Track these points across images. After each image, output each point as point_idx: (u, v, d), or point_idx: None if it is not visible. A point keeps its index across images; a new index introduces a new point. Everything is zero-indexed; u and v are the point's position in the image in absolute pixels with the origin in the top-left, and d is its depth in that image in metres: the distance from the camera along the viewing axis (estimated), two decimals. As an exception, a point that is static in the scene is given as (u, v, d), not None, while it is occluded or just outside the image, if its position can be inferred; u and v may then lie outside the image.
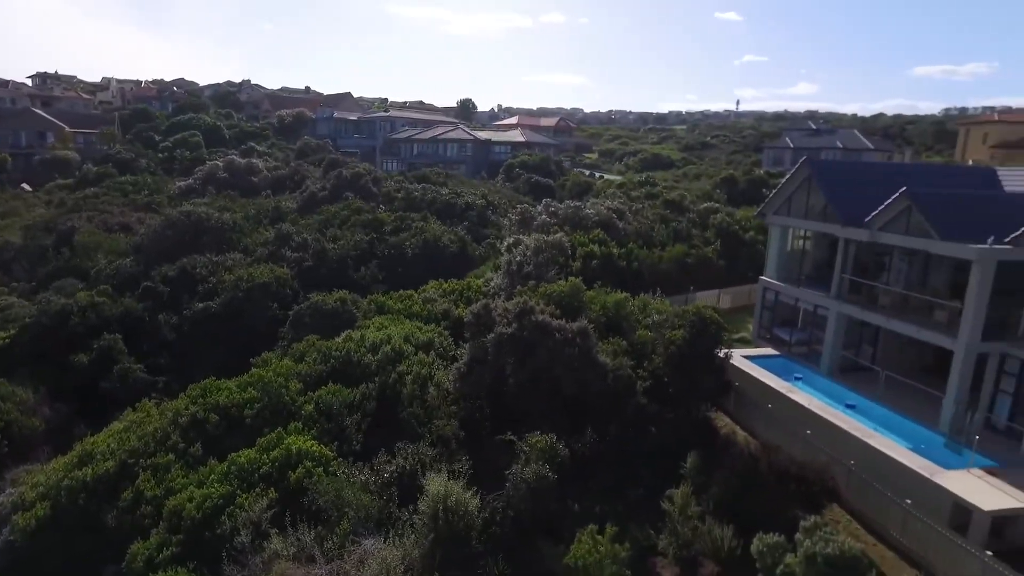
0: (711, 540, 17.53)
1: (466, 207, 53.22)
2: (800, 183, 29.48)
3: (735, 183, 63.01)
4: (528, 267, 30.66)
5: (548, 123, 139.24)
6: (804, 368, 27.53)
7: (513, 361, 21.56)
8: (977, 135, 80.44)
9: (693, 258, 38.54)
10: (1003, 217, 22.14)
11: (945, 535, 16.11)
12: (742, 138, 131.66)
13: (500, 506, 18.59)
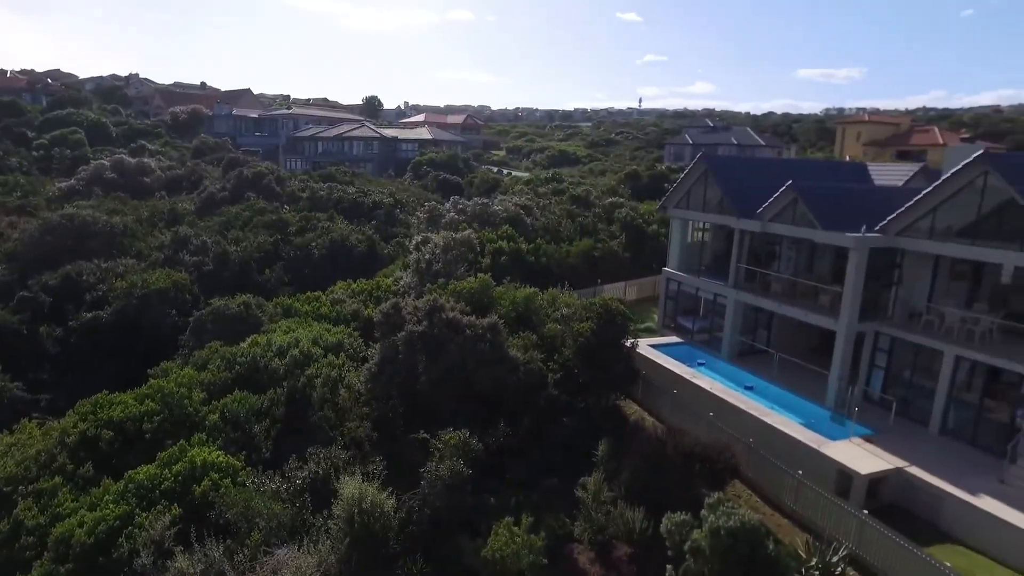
0: (623, 523, 18.13)
1: (374, 206, 52.39)
2: (698, 178, 30.92)
3: (639, 178, 65.13)
4: (437, 265, 30.60)
5: (456, 121, 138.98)
6: (706, 354, 28.95)
7: (425, 359, 21.50)
8: (852, 133, 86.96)
9: (600, 252, 39.64)
10: (874, 208, 24.06)
11: (831, 500, 17.45)
12: (645, 135, 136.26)
13: (417, 504, 18.51)
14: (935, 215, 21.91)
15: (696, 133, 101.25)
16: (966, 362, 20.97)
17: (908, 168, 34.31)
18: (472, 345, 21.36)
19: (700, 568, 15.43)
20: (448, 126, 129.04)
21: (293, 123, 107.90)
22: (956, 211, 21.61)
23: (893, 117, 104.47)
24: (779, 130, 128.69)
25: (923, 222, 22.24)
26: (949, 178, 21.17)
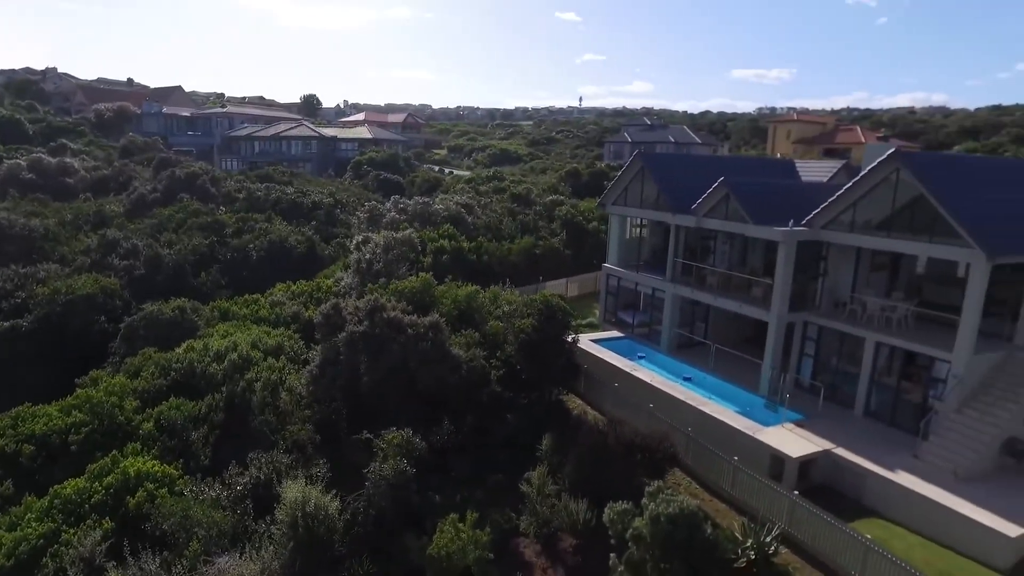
0: (568, 515, 18.45)
1: (313, 206, 51.51)
2: (635, 175, 31.61)
3: (579, 176, 66.02)
4: (378, 264, 30.40)
5: (396, 119, 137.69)
6: (646, 347, 29.65)
7: (366, 359, 21.36)
8: (783, 132, 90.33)
9: (541, 249, 40.08)
10: (801, 203, 25.09)
11: (764, 483, 18.18)
12: (585, 133, 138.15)
13: (361, 505, 18.42)
14: (855, 209, 23.05)
15: (635, 131, 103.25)
16: (885, 347, 22.16)
17: (832, 165, 35.91)
18: (414, 344, 21.34)
19: (642, 555, 15.85)
20: (389, 125, 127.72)
21: (228, 122, 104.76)
22: (874, 206, 22.79)
23: (820, 117, 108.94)
24: (715, 128, 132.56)
25: (845, 216, 23.36)
26: (866, 175, 22.32)
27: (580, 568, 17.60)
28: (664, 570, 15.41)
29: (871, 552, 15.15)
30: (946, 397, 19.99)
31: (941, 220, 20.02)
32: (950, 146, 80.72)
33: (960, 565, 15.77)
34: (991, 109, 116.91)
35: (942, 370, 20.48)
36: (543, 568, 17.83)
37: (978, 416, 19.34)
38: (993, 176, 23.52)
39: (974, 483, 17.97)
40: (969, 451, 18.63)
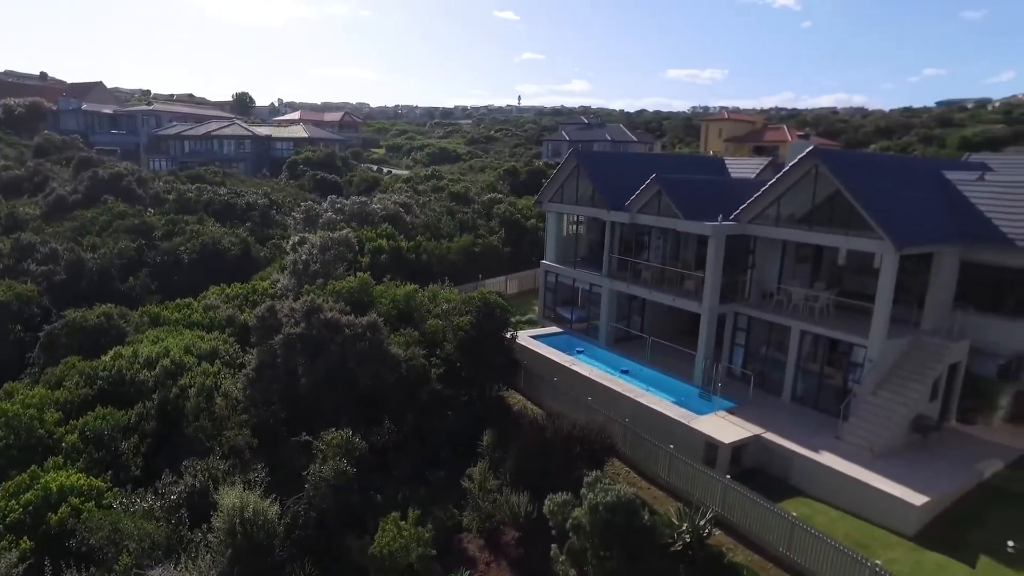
0: (509, 509, 18.69)
1: (247, 207, 50.21)
2: (570, 173, 32.12)
3: (517, 174, 66.46)
4: (315, 265, 29.97)
5: (333, 118, 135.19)
6: (585, 342, 30.20)
7: (304, 361, 21.08)
8: (715, 130, 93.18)
9: (480, 247, 40.25)
10: (730, 198, 26.07)
11: (699, 469, 18.86)
12: (524, 132, 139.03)
13: (302, 508, 18.18)
14: (779, 204, 24.09)
15: (573, 130, 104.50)
16: (809, 335, 23.27)
17: (759, 161, 37.35)
18: (352, 345, 21.18)
19: (582, 544, 16.24)
20: (325, 124, 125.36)
21: (155, 120, 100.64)
22: (797, 200, 23.88)
23: (750, 116, 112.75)
24: (651, 127, 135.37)
25: (770, 211, 24.39)
26: (788, 171, 23.38)
27: (523, 560, 17.88)
28: (603, 557, 15.83)
29: (796, 528, 15.96)
30: (863, 380, 21.16)
31: (856, 214, 21.17)
32: (867, 144, 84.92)
33: (875, 535, 16.78)
34: (903, 111, 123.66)
35: (860, 355, 21.67)
36: (486, 562, 18.03)
37: (890, 396, 20.57)
38: (902, 173, 24.98)
39: (887, 459, 19.15)
40: (883, 429, 19.81)
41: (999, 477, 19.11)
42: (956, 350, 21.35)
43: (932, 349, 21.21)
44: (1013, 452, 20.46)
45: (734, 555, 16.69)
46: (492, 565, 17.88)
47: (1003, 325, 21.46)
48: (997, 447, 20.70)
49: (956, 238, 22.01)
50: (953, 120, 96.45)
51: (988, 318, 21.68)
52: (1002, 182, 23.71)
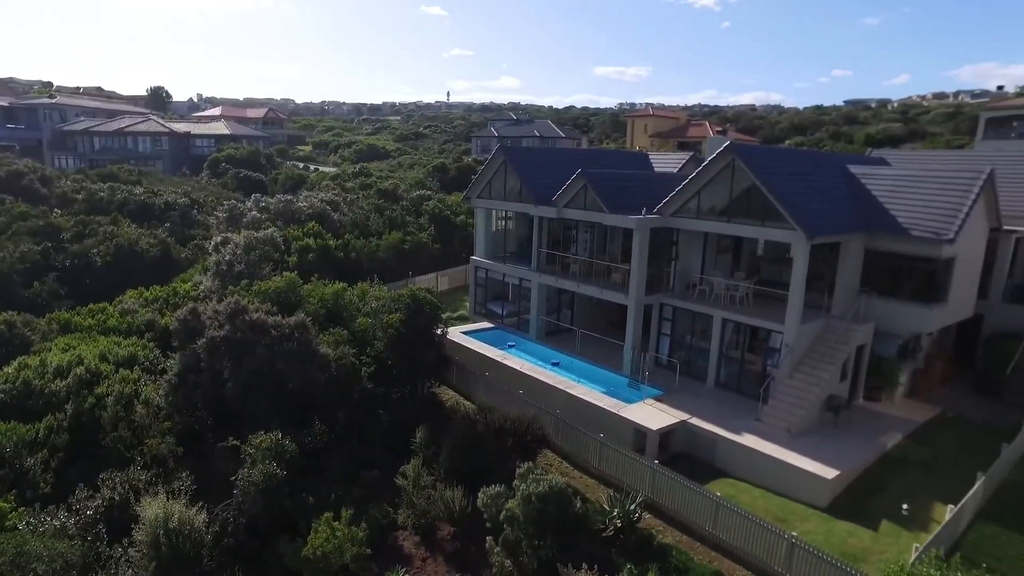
0: (444, 504, 18.76)
1: (166, 207, 48.16)
2: (498, 168, 32.32)
3: (446, 171, 66.25)
4: (240, 266, 29.12)
5: (256, 114, 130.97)
6: (516, 336, 30.52)
7: (230, 364, 20.51)
8: (640, 126, 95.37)
9: (409, 244, 39.99)
10: (653, 192, 26.84)
11: (628, 456, 19.41)
12: (453, 128, 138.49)
13: (231, 515, 17.74)
14: (700, 197, 24.98)
15: (502, 126, 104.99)
16: (731, 323, 24.26)
17: (682, 156, 38.56)
18: (280, 345, 20.76)
19: (516, 534, 16.51)
20: (248, 120, 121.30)
21: (59, 114, 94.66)
22: (716, 194, 24.81)
23: (674, 112, 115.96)
24: (579, 123, 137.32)
25: (691, 204, 25.25)
26: (707, 165, 24.29)
27: (459, 554, 18.00)
28: (538, 546, 16.16)
29: (721, 508, 16.68)
30: (780, 364, 22.26)
31: (771, 206, 22.22)
32: (783, 140, 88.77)
33: (793, 509, 17.75)
34: (814, 109, 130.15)
35: (777, 341, 22.77)
36: (422, 558, 18.07)
37: (805, 379, 21.75)
38: (811, 167, 26.28)
39: (803, 437, 20.26)
40: (799, 410, 20.92)
41: (899, 448, 20.55)
42: (862, 333, 22.75)
43: (841, 332, 22.51)
44: (911, 424, 22.02)
45: (663, 537, 17.29)
46: (428, 561, 17.93)
47: (901, 308, 22.98)
48: (898, 421, 22.22)
49: (860, 228, 23.39)
50: (859, 118, 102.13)
51: (888, 302, 23.17)
52: (897, 176, 25.36)
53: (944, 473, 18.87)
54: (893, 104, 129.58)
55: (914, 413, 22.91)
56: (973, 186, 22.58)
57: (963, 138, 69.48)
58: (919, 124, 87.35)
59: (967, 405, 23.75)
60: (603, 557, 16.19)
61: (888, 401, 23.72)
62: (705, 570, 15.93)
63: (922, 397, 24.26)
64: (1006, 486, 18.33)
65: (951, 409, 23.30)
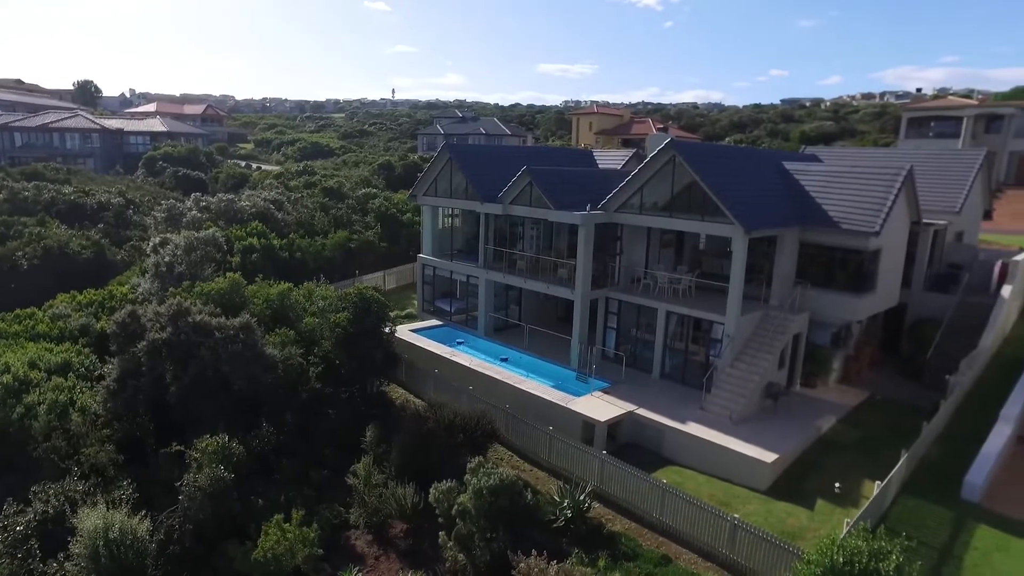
0: (396, 501, 18.74)
1: (100, 207, 46.25)
2: (443, 166, 32.33)
3: (392, 169, 65.71)
4: (180, 267, 28.35)
5: (194, 111, 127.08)
6: (465, 333, 30.64)
7: (172, 367, 20.00)
8: (585, 123, 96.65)
9: (356, 243, 39.63)
10: (598, 188, 27.34)
11: (577, 447, 19.81)
12: (398, 125, 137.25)
13: (176, 522, 17.32)
14: (643, 193, 25.60)
15: (447, 123, 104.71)
16: (674, 316, 24.95)
17: (625, 153, 39.26)
18: (225, 347, 20.34)
19: (469, 528, 16.66)
20: (186, 117, 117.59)
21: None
22: (658, 189, 25.48)
23: (618, 110, 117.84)
24: (524, 120, 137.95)
25: (635, 200, 25.84)
26: (649, 162, 24.90)
27: (412, 550, 18.03)
28: (490, 539, 16.33)
29: (667, 494, 17.21)
30: (722, 354, 23.04)
31: (710, 201, 22.95)
32: (723, 137, 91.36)
33: (735, 493, 18.45)
34: (753, 107, 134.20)
35: (719, 331, 23.55)
36: (375, 556, 18.03)
37: (745, 367, 22.59)
38: (749, 163, 27.26)
39: (744, 424, 21.05)
40: (740, 397, 21.73)
41: (832, 431, 21.60)
42: (798, 322, 23.75)
43: (779, 323, 23.44)
44: (843, 408, 23.15)
45: (613, 525, 17.73)
46: (381, 559, 17.91)
47: (833, 298, 24.10)
48: (831, 405, 23.31)
49: (795, 222, 24.40)
50: (794, 117, 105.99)
51: (822, 292, 24.26)
52: (828, 172, 26.54)
53: (873, 452, 19.93)
54: (826, 103, 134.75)
55: (846, 397, 24.07)
56: (895, 182, 23.84)
57: (888, 136, 72.96)
58: (849, 123, 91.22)
59: (893, 388, 25.09)
60: (554, 547, 16.50)
61: (823, 387, 24.84)
62: (653, 555, 16.43)
63: (853, 382, 25.49)
64: (926, 462, 19.49)
65: (879, 392, 24.57)
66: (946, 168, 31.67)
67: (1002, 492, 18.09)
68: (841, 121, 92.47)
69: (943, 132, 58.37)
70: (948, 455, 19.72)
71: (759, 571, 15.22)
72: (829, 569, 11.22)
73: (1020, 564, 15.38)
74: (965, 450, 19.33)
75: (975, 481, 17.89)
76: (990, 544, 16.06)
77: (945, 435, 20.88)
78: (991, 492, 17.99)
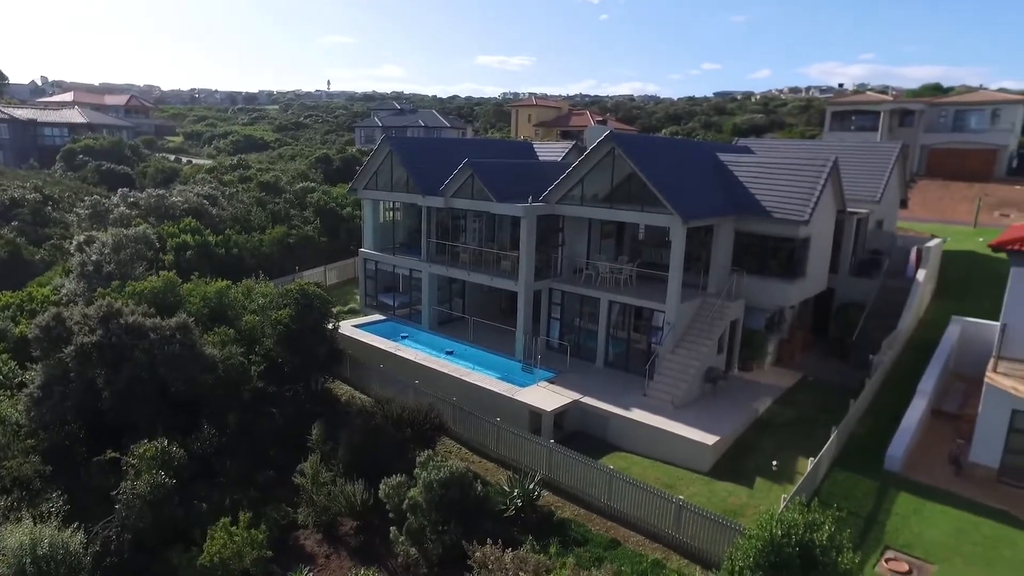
0: (345, 499, 18.57)
1: (12, 203, 43.67)
2: (383, 159, 31.96)
3: (330, 162, 64.41)
4: (109, 266, 27.12)
5: (117, 101, 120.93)
6: (409, 327, 30.46)
7: (105, 371, 19.18)
8: (524, 115, 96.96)
9: (295, 238, 38.80)
10: (539, 180, 27.59)
11: (525, 437, 20.03)
12: (335, 118, 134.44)
13: (114, 533, 16.71)
14: (583, 185, 25.96)
15: (386, 116, 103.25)
16: (617, 305, 25.47)
17: (565, 145, 39.73)
18: (161, 349, 19.63)
19: (420, 521, 16.70)
20: (107, 108, 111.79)
21: None
22: (598, 181, 25.89)
23: (557, 102, 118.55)
24: (463, 112, 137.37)
25: (575, 191, 26.19)
26: (589, 154, 25.27)
27: (363, 547, 17.93)
28: (442, 532, 16.44)
29: (614, 480, 17.61)
30: (663, 342, 23.67)
31: (649, 192, 23.48)
32: (659, 129, 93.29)
33: (679, 475, 19.05)
34: (687, 100, 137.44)
35: (659, 319, 24.18)
36: (326, 555, 17.86)
37: (686, 354, 23.28)
38: (685, 155, 28.00)
39: (686, 408, 21.73)
40: (682, 383, 22.39)
41: (768, 412, 22.53)
42: (735, 308, 24.61)
43: (717, 309, 24.23)
44: (778, 390, 24.18)
45: (562, 512, 18.04)
46: (332, 557, 17.75)
47: (767, 284, 25.09)
48: (767, 387, 24.31)
49: (730, 212, 25.23)
50: (727, 109, 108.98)
51: (756, 279, 25.20)
52: (760, 163, 27.54)
53: (806, 430, 20.91)
54: (756, 96, 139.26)
55: (781, 379, 25.14)
56: (822, 173, 24.95)
57: (814, 129, 76.00)
58: (778, 115, 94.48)
59: (823, 369, 26.34)
60: (506, 536, 16.66)
61: (759, 370, 25.86)
62: (602, 539, 16.82)
63: (787, 364, 26.65)
64: (854, 437, 20.60)
65: (811, 373, 25.76)
66: (867, 160, 33.35)
67: (918, 462, 19.33)
68: (771, 114, 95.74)
69: (863, 125, 61.26)
70: (873, 430, 20.88)
71: (704, 549, 15.79)
72: (769, 542, 11.75)
73: (931, 524, 16.60)
74: (887, 425, 20.51)
75: (895, 453, 19.02)
76: (908, 509, 17.17)
77: (870, 411, 22.08)
78: (909, 462, 19.19)
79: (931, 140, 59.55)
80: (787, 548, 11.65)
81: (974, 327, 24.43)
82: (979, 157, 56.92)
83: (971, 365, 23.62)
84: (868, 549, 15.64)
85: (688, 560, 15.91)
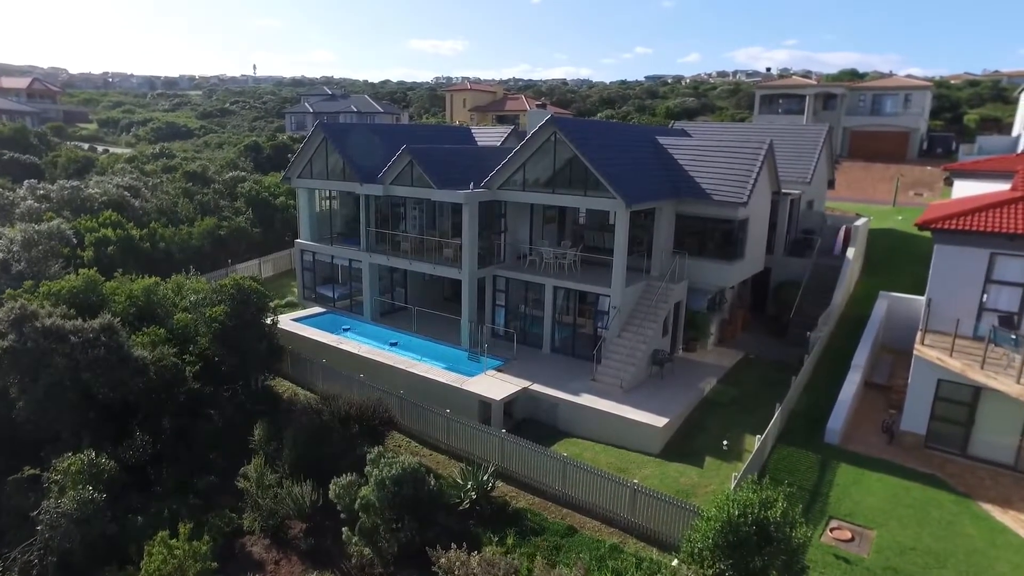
0: (293, 501, 17.91)
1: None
2: (318, 146, 30.85)
3: (260, 150, 62.02)
4: (19, 264, 25.25)
5: (17, 85, 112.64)
6: (351, 319, 29.66)
7: (20, 379, 17.80)
8: (459, 100, 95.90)
9: (226, 230, 37.14)
10: (479, 166, 27.15)
11: (475, 427, 19.79)
12: (263, 104, 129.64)
13: (36, 556, 15.53)
14: (525, 170, 25.69)
15: (316, 101, 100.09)
16: (561, 290, 25.42)
17: (503, 130, 39.30)
18: (83, 352, 18.35)
19: (373, 520, 16.23)
20: (6, 91, 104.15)
21: None
22: (540, 166, 25.63)
23: (491, 86, 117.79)
24: (396, 97, 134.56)
25: (517, 177, 25.89)
26: (530, 139, 24.99)
27: (314, 550, 17.35)
28: (396, 529, 16.04)
29: (568, 466, 17.58)
30: (610, 326, 23.78)
31: (592, 176, 23.43)
32: (594, 113, 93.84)
33: (631, 459, 19.20)
34: (620, 83, 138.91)
35: (605, 304, 24.26)
36: (275, 560, 17.21)
37: (632, 337, 23.47)
38: (625, 138, 28.07)
39: (634, 392, 21.92)
40: (629, 367, 22.57)
41: (713, 391, 22.99)
42: (678, 290, 24.96)
43: (661, 292, 24.49)
44: (722, 369, 24.72)
45: (517, 502, 17.90)
46: (282, 562, 17.10)
47: (707, 266, 25.52)
48: (711, 367, 24.82)
49: (671, 195, 25.48)
50: (659, 93, 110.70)
51: (697, 261, 25.60)
52: (698, 146, 27.90)
53: (750, 408, 21.44)
54: (686, 80, 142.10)
55: (723, 359, 25.70)
56: (758, 155, 25.46)
57: (744, 112, 78.01)
58: (709, 99, 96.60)
59: (763, 347, 27.10)
60: (462, 530, 16.46)
61: (702, 350, 26.36)
62: (559, 527, 16.78)
63: (728, 344, 27.27)
64: (795, 413, 21.26)
65: (752, 352, 26.45)
66: (796, 142, 34.37)
67: (854, 433, 20.14)
68: (702, 97, 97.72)
69: (790, 109, 63.39)
70: (812, 405, 21.60)
71: (659, 531, 15.96)
72: (727, 522, 11.92)
73: (869, 492, 17.33)
74: (825, 399, 21.25)
75: (834, 426, 19.74)
76: (848, 479, 17.86)
77: (809, 386, 22.83)
78: (846, 434, 19.98)
79: (852, 123, 62.21)
80: (744, 527, 11.84)
81: (900, 302, 25.56)
82: (894, 139, 59.80)
83: (898, 339, 24.76)
84: (814, 520, 16.14)
85: (645, 543, 16.04)
